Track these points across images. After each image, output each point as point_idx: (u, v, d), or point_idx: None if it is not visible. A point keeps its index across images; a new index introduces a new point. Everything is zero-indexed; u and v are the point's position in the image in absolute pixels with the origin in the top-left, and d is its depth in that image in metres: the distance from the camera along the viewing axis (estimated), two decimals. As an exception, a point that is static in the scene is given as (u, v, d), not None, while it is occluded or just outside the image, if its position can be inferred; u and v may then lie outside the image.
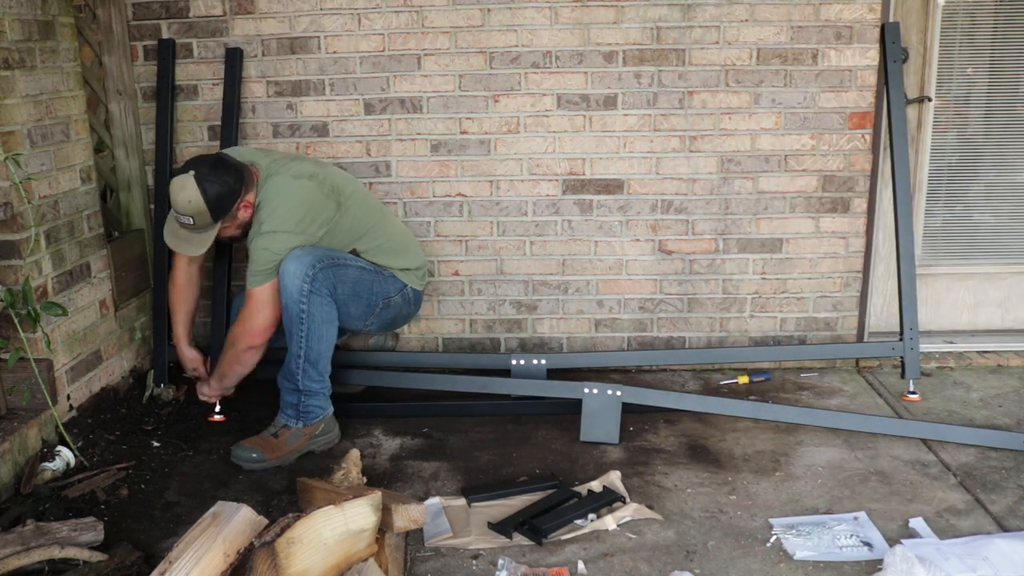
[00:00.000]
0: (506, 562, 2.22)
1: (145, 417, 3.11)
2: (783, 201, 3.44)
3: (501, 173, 3.43)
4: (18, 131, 2.66)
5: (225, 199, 2.75)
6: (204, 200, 2.71)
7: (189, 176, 2.72)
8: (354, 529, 2.01)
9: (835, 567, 2.22)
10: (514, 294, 3.55)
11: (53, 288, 2.82)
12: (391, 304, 3.04)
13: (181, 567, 1.87)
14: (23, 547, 2.13)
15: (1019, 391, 3.33)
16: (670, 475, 2.71)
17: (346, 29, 3.32)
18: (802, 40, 3.29)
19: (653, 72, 3.33)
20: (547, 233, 3.49)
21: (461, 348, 3.60)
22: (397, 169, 3.44)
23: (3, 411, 2.69)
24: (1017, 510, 2.49)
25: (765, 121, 3.37)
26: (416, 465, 2.81)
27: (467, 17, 3.30)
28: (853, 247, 3.48)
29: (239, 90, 3.33)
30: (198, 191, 2.71)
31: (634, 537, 2.36)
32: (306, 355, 2.80)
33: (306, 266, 2.75)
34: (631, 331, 3.58)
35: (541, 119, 3.38)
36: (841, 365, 3.58)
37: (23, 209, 2.67)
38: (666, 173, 3.42)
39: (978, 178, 3.61)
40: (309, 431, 2.85)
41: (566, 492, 2.57)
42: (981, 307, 3.71)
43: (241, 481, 2.71)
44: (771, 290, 3.53)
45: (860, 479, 2.67)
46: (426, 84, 3.36)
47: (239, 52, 3.31)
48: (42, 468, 2.61)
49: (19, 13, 2.68)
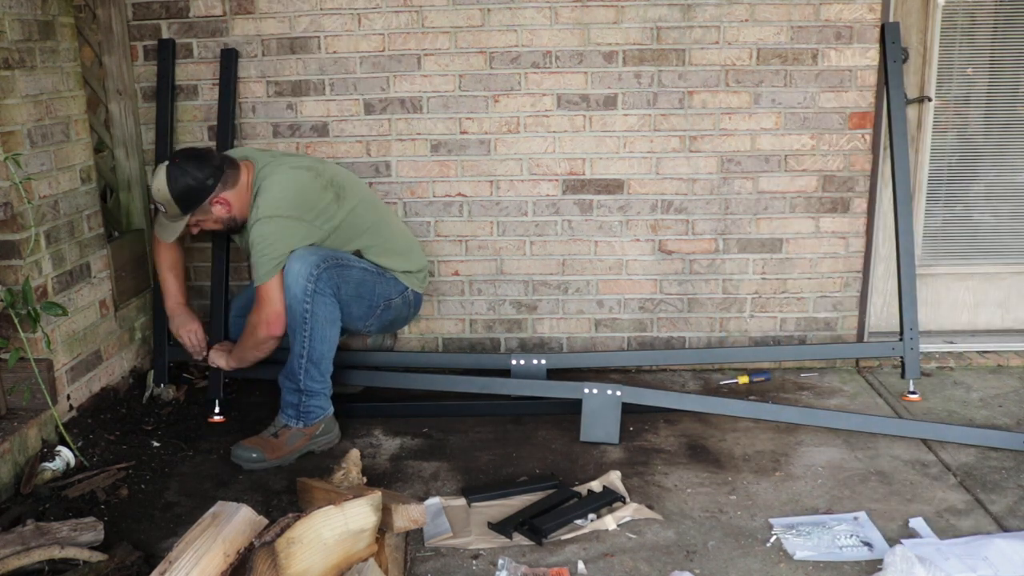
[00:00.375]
0: (506, 562, 2.22)
1: (145, 417, 3.11)
2: (783, 201, 3.44)
3: (501, 173, 3.43)
4: (18, 131, 2.66)
5: (193, 193, 2.78)
6: (169, 191, 2.78)
7: (163, 165, 2.81)
8: (354, 529, 2.01)
9: (835, 567, 2.22)
10: (514, 294, 3.55)
11: (53, 288, 2.82)
12: (392, 306, 3.04)
13: (181, 567, 1.87)
14: (23, 547, 2.13)
15: (1019, 391, 3.33)
16: (670, 475, 2.71)
17: (346, 29, 3.32)
18: (802, 40, 3.29)
19: (653, 72, 3.33)
20: (547, 233, 3.49)
21: (461, 348, 3.60)
22: (397, 169, 3.44)
23: (3, 411, 2.69)
24: (1017, 510, 2.49)
25: (765, 121, 3.37)
26: (416, 465, 2.81)
27: (467, 17, 3.30)
28: (853, 247, 3.48)
29: (235, 91, 3.33)
30: (165, 181, 2.77)
31: (634, 537, 2.36)
32: (309, 355, 2.80)
33: (310, 266, 2.75)
34: (631, 331, 3.58)
35: (541, 119, 3.38)
36: (841, 365, 3.58)
37: (23, 209, 2.67)
38: (666, 173, 3.42)
39: (978, 178, 3.61)
40: (309, 431, 2.85)
41: (566, 492, 2.57)
42: (981, 307, 3.71)
43: (241, 481, 2.71)
44: (771, 290, 3.53)
45: (860, 479, 2.67)
46: (426, 84, 3.36)
47: (234, 53, 3.31)
48: (42, 468, 2.61)
49: (19, 13, 2.68)
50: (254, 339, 2.88)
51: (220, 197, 2.82)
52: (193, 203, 2.80)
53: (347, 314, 2.91)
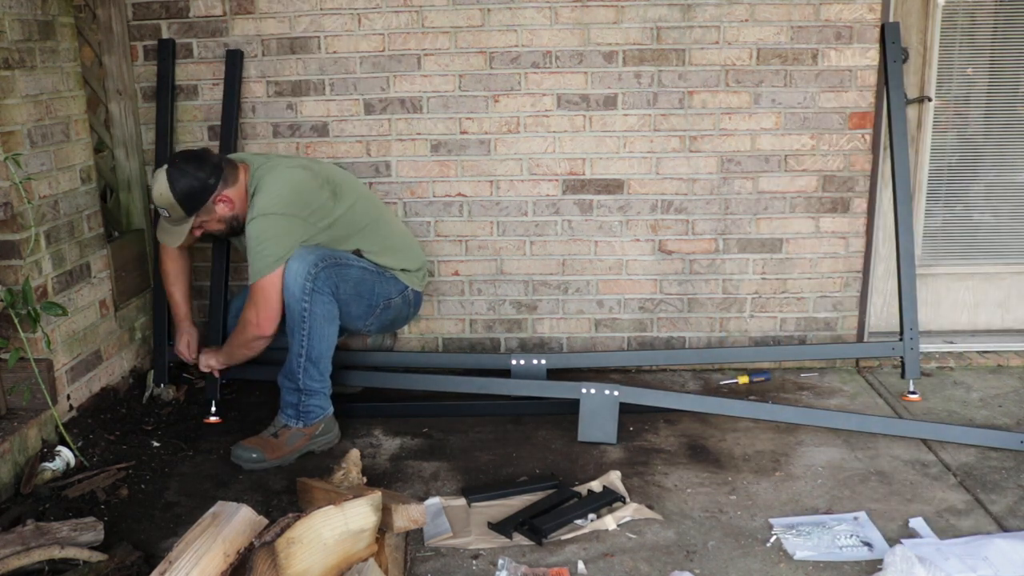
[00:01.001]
0: (506, 562, 2.22)
1: (145, 417, 3.10)
2: (783, 201, 3.44)
3: (501, 173, 3.43)
4: (18, 131, 2.66)
5: (196, 193, 2.78)
6: (172, 193, 2.76)
7: (163, 169, 2.79)
8: (354, 529, 2.01)
9: (835, 567, 2.22)
10: (514, 294, 3.55)
11: (53, 288, 2.82)
12: (391, 305, 3.04)
13: (181, 567, 1.87)
14: (23, 547, 2.13)
15: (1019, 391, 3.33)
16: (670, 475, 2.71)
17: (346, 29, 3.32)
18: (802, 40, 3.29)
19: (653, 72, 3.33)
20: (547, 233, 3.49)
21: (461, 348, 3.60)
22: (397, 169, 3.44)
23: (3, 411, 2.69)
24: (1017, 510, 2.49)
25: (765, 121, 3.37)
26: (416, 465, 2.81)
27: (467, 17, 3.30)
28: (853, 247, 3.48)
29: (239, 92, 3.33)
30: (167, 184, 2.76)
31: (634, 537, 2.36)
32: (307, 354, 2.80)
33: (309, 265, 2.75)
34: (631, 331, 3.58)
35: (541, 119, 3.38)
36: (841, 365, 3.58)
37: (23, 209, 2.67)
38: (666, 173, 3.42)
39: (978, 178, 3.61)
40: (309, 431, 2.85)
41: (566, 492, 2.57)
42: (981, 307, 3.71)
43: (241, 481, 2.71)
44: (771, 290, 3.53)
45: (860, 479, 2.67)
46: (426, 84, 3.36)
47: (239, 54, 3.31)
48: (42, 468, 2.61)
49: (19, 13, 2.68)
50: (243, 337, 2.88)
51: (223, 195, 2.82)
52: (197, 204, 2.80)
53: (346, 313, 2.91)
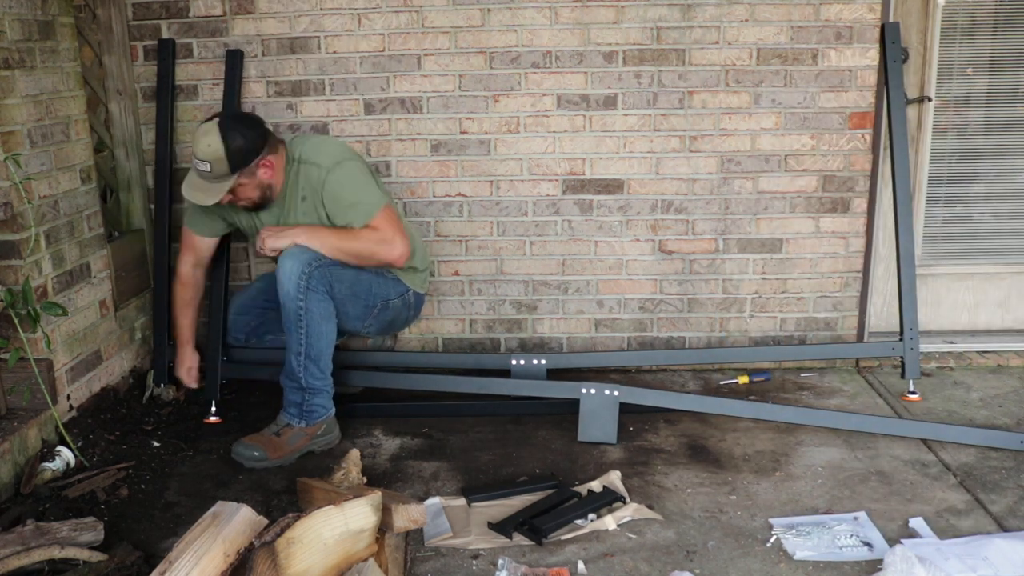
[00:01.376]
0: (506, 562, 2.22)
1: (145, 417, 3.11)
2: (783, 201, 3.44)
3: (501, 173, 3.43)
4: (18, 131, 2.66)
5: (246, 152, 2.76)
6: (224, 147, 2.72)
7: (214, 123, 2.76)
8: (354, 529, 2.01)
9: (835, 567, 2.21)
10: (514, 294, 3.55)
11: (53, 288, 2.82)
12: (390, 306, 3.04)
13: (181, 567, 1.87)
14: (23, 547, 2.13)
15: (1019, 391, 3.33)
16: (670, 475, 2.71)
17: (346, 29, 3.32)
18: (802, 40, 3.29)
19: (653, 72, 3.33)
20: (547, 233, 3.49)
21: (461, 348, 3.60)
22: (397, 169, 3.44)
23: (3, 411, 2.69)
24: (1017, 510, 2.49)
25: (765, 121, 3.37)
26: (416, 465, 2.81)
27: (467, 17, 3.30)
28: (853, 247, 3.48)
29: (239, 92, 3.33)
30: (219, 137, 2.72)
31: (634, 537, 2.36)
32: (306, 352, 2.80)
33: (303, 263, 2.75)
34: (631, 331, 3.58)
35: (541, 119, 3.38)
36: (841, 365, 3.58)
37: (23, 209, 2.67)
38: (666, 173, 3.42)
39: (978, 178, 3.61)
40: (311, 431, 2.85)
41: (566, 492, 2.57)
42: (981, 307, 3.71)
43: (241, 481, 2.71)
44: (771, 290, 3.53)
45: (860, 479, 2.67)
46: (426, 84, 3.36)
47: (240, 54, 3.31)
48: (42, 468, 2.61)
49: (19, 13, 2.68)
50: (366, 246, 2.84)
51: (267, 159, 2.81)
52: (244, 161, 2.76)
53: (344, 314, 2.90)
